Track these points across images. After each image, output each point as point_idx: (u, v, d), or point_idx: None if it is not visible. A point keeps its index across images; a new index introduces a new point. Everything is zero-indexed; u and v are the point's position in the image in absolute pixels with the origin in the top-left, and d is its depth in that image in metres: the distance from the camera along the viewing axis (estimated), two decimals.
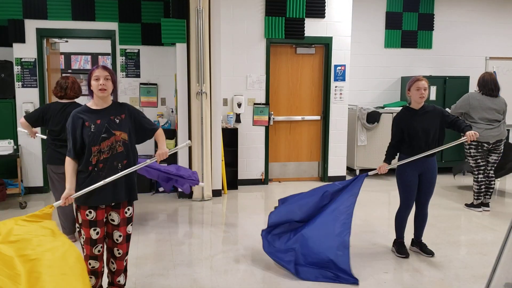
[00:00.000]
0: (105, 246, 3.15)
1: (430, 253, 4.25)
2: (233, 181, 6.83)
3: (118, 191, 3.02)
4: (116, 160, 2.99)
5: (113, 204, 3.05)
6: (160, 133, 3.28)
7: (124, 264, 3.20)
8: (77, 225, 3.08)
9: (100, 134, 2.93)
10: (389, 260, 4.19)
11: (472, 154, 5.63)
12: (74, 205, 3.12)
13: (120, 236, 3.09)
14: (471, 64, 8.37)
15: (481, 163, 5.63)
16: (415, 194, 4.18)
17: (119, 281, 3.22)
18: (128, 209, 3.12)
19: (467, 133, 3.92)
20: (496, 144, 5.58)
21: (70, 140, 2.99)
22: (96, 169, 2.95)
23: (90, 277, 3.10)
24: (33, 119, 4.45)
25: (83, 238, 3.03)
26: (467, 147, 5.65)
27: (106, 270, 3.28)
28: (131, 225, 3.16)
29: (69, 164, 2.98)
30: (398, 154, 4.22)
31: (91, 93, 3.03)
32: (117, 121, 3.02)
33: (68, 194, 2.93)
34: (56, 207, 2.92)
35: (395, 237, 4.36)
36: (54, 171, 4.40)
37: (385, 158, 4.20)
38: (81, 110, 3.03)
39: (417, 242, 4.36)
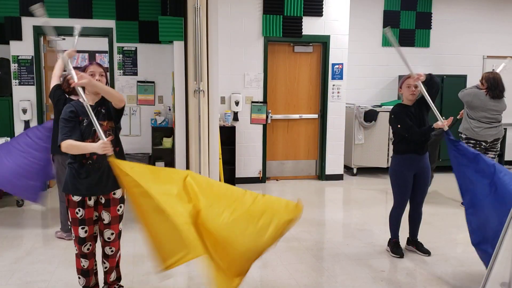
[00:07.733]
0: (97, 245, 3.18)
1: (426, 252, 4.25)
2: (230, 179, 6.83)
3: (104, 184, 3.03)
4: None
5: (103, 202, 3.07)
6: None
7: (116, 260, 3.23)
8: (68, 222, 3.09)
9: (92, 126, 2.95)
10: (386, 258, 4.20)
11: None
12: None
13: (112, 234, 3.12)
14: (468, 62, 8.38)
15: None
16: (409, 194, 4.17)
17: (111, 279, 3.25)
18: (121, 207, 3.14)
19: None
20: (493, 142, 5.64)
21: (70, 127, 2.95)
22: (90, 161, 2.98)
23: (79, 277, 3.18)
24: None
25: (73, 236, 3.09)
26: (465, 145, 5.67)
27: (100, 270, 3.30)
28: (122, 223, 3.19)
29: (73, 140, 2.92)
30: (405, 151, 4.09)
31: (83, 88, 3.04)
32: (103, 111, 3.07)
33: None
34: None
35: (390, 237, 4.36)
36: (61, 161, 4.40)
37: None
38: (78, 103, 3.06)
39: (413, 241, 4.36)
